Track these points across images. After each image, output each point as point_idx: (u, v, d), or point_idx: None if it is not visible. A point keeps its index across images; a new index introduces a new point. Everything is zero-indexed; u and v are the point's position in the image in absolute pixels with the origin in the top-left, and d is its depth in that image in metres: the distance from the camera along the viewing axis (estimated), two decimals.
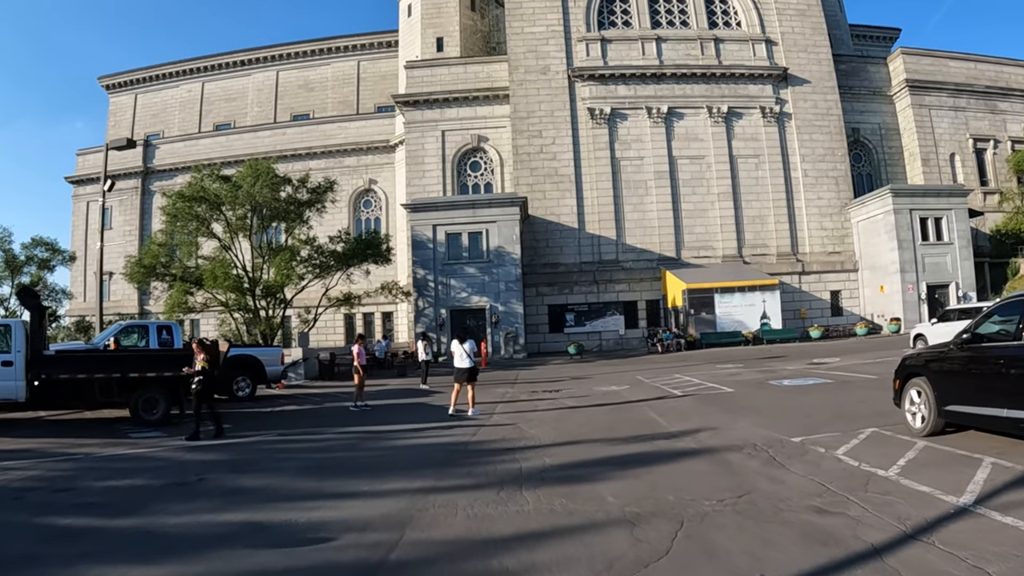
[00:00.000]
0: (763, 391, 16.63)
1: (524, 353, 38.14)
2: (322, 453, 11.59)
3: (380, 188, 51.24)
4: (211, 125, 62.54)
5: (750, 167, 44.72)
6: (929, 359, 9.48)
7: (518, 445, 10.90)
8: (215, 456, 11.23)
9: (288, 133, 55.31)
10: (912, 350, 11.35)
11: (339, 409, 18.23)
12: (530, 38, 45.37)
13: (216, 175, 34.26)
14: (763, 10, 46.92)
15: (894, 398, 10.15)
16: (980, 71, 50.79)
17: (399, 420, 15.23)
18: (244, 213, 33.92)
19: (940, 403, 8.76)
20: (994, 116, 50.10)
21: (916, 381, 9.45)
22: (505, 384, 22.82)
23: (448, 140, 46.15)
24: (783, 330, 38.53)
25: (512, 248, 38.94)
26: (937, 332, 23.31)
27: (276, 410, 18.72)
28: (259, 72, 63.51)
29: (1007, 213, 47.17)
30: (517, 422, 13.60)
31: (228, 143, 55.89)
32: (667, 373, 22.98)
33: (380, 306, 47.37)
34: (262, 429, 14.69)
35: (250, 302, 33.15)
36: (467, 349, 14.97)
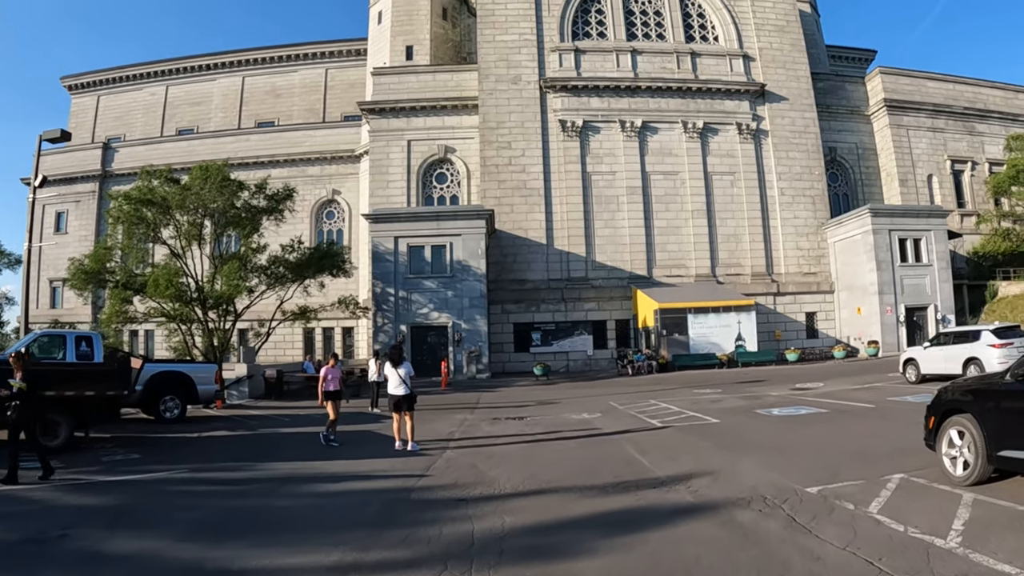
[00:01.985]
0: (753, 422, 15.10)
1: (488, 373, 36.37)
2: (232, 499, 9.66)
3: (344, 199, 49.40)
4: (174, 130, 60.59)
5: (725, 184, 43.49)
6: (976, 394, 8.00)
7: (473, 493, 9.01)
8: (100, 499, 9.47)
9: (252, 140, 53.43)
10: (955, 382, 9.56)
11: (275, 437, 16.43)
12: (501, 46, 43.91)
13: (166, 177, 32.07)
14: (741, 25, 45.93)
15: (926, 438, 8.63)
16: (958, 92, 50.19)
17: (338, 453, 13.24)
18: (196, 219, 31.81)
19: (991, 447, 7.32)
20: (972, 138, 49.47)
21: (958, 420, 8.00)
22: (465, 409, 21.02)
23: (414, 150, 44.46)
24: (759, 352, 37.14)
25: (477, 263, 37.22)
26: (930, 357, 21.88)
27: (204, 435, 16.83)
28: (225, 77, 61.69)
29: (985, 235, 46.58)
30: (475, 459, 11.73)
31: (190, 148, 53.74)
32: (642, 398, 21.40)
33: (340, 321, 45.53)
34: (176, 461, 12.71)
35: (196, 313, 30.98)
36: (402, 374, 13.09)
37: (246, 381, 28.26)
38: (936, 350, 21.84)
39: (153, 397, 19.54)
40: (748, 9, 46.30)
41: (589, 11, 45.52)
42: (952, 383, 9.16)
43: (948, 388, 8.69)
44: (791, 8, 47.49)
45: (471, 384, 32.80)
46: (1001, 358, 19.22)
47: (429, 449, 12.95)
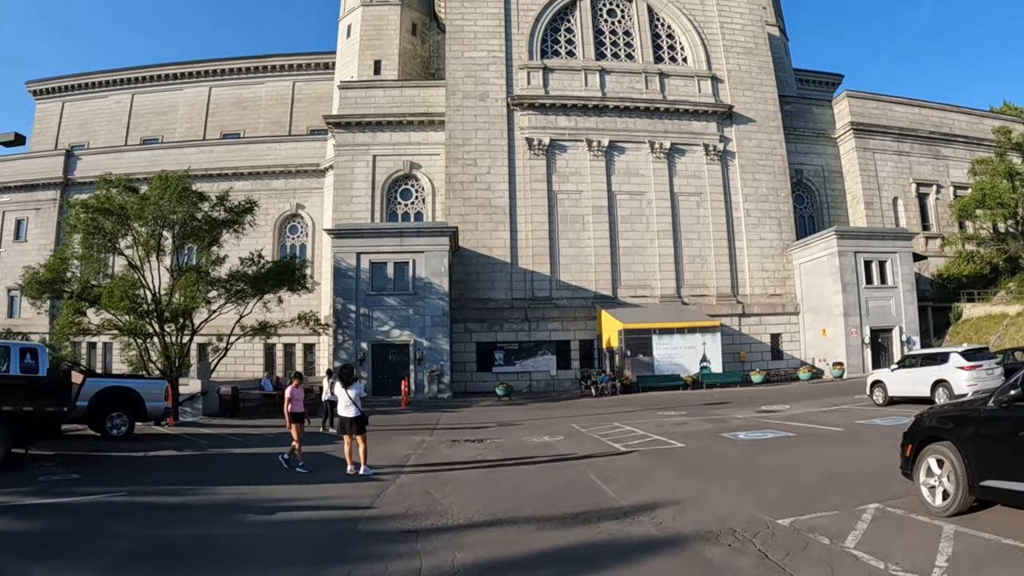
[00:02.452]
0: (720, 446, 14.67)
1: (449, 393, 35.71)
2: (166, 527, 8.94)
3: (307, 214, 48.59)
4: (139, 139, 59.64)
5: (691, 205, 43.35)
6: (956, 420, 7.62)
7: (425, 524, 8.42)
8: (27, 525, 8.89)
9: (216, 151, 52.46)
10: (933, 407, 9.21)
11: (224, 458, 15.68)
12: (470, 63, 43.56)
13: (124, 185, 31.10)
14: (710, 47, 46.00)
15: (902, 466, 8.24)
16: (924, 116, 50.68)
17: (285, 477, 12.48)
18: (155, 230, 30.85)
19: (973, 477, 6.97)
20: (937, 161, 49.93)
21: (937, 448, 7.63)
22: (423, 430, 20.40)
23: (379, 165, 43.86)
24: (724, 374, 36.98)
25: (440, 281, 36.64)
26: (898, 379, 21.71)
27: (149, 455, 16.07)
28: (191, 87, 60.88)
29: (949, 258, 47.00)
30: (430, 486, 11.10)
31: (154, 158, 52.49)
32: (605, 421, 20.95)
33: (302, 337, 44.65)
34: (115, 483, 11.98)
35: (152, 326, 30.01)
36: (352, 395, 12.44)
37: (200, 398, 27.53)
38: (904, 372, 21.64)
39: (99, 413, 18.73)
40: (717, 31, 46.40)
41: (559, 30, 45.37)
42: (930, 409, 8.78)
43: (926, 414, 8.33)
44: (760, 31, 47.68)
45: (432, 404, 32.19)
46: (970, 380, 19.23)
47: (383, 474, 12.36)
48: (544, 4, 44.93)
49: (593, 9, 45.89)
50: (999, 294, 42.80)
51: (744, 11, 47.39)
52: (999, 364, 20.85)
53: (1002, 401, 6.88)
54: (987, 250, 46.07)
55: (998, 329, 38.22)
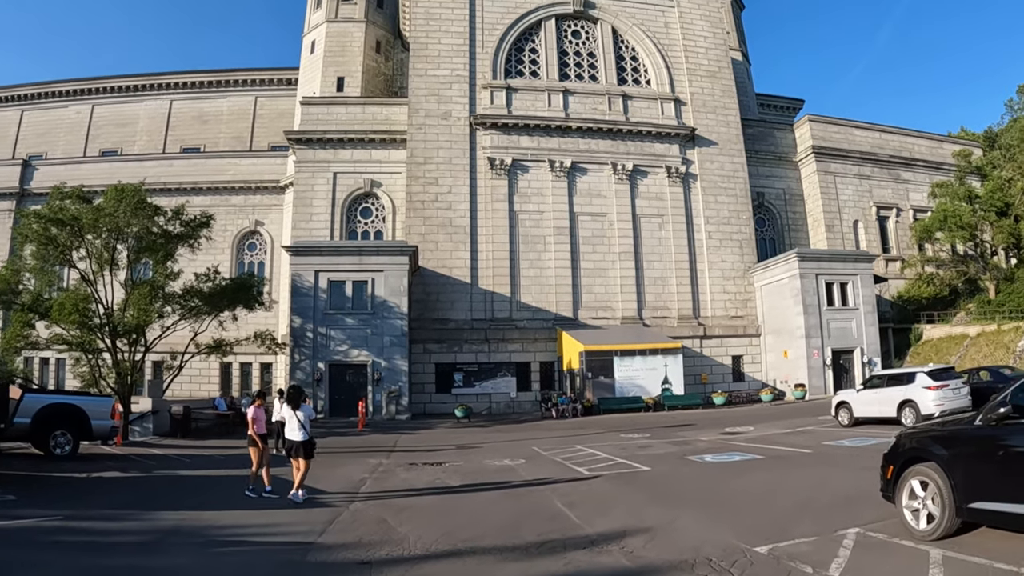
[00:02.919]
0: (686, 469, 14.35)
1: (408, 414, 35.13)
2: (100, 557, 8.30)
3: (266, 231, 47.76)
4: (98, 151, 58.48)
5: (653, 227, 43.30)
6: (941, 441, 7.30)
7: (379, 555, 7.88)
8: None
9: (176, 165, 51.53)
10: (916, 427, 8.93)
11: (171, 480, 15.01)
12: (433, 81, 43.23)
13: (78, 196, 30.21)
14: (674, 69, 46.17)
15: (883, 488, 7.95)
16: (885, 140, 51.33)
17: (235, 502, 11.82)
18: (109, 242, 29.97)
19: (960, 499, 6.70)
20: (897, 185, 50.54)
21: (920, 469, 7.35)
22: (381, 452, 19.84)
23: (340, 183, 43.28)
24: (685, 396, 36.73)
25: (399, 300, 36.10)
26: (864, 400, 21.59)
27: (92, 476, 15.38)
28: (152, 100, 59.93)
29: (909, 280, 47.53)
30: (385, 512, 10.57)
31: (112, 170, 51.26)
32: (567, 444, 20.56)
33: (259, 356, 43.67)
34: (52, 505, 11.37)
35: (105, 342, 29.10)
36: (300, 417, 11.90)
37: (150, 417, 26.69)
38: (870, 393, 21.56)
39: (43, 431, 17.94)
40: (681, 54, 46.61)
41: (523, 50, 45.26)
42: (912, 429, 8.52)
43: (908, 435, 8.06)
44: (723, 55, 48.00)
45: (390, 425, 31.63)
46: (937, 400, 19.24)
47: (336, 499, 11.87)
48: (509, 24, 44.82)
49: (558, 30, 45.90)
50: (959, 315, 43.24)
51: (708, 35, 47.70)
52: (965, 384, 20.93)
53: (991, 420, 6.61)
54: (947, 272, 46.60)
55: (959, 350, 38.54)
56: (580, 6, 45.93)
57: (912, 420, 19.21)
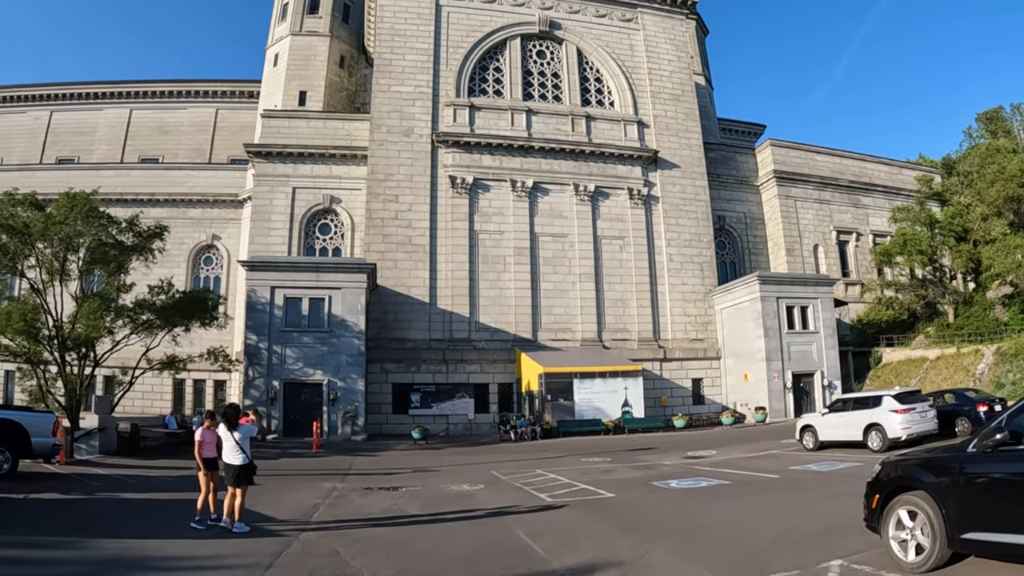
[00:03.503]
0: (653, 497, 13.82)
1: (364, 435, 34.40)
2: None
3: (223, 245, 46.86)
4: (55, 158, 57.32)
5: (614, 249, 43.22)
6: (932, 468, 6.98)
7: None
8: None
9: (133, 175, 50.42)
10: (903, 454, 8.29)
11: (113, 504, 14.17)
12: (396, 97, 42.85)
13: (30, 202, 29.31)
14: (637, 92, 46.30)
15: (867, 518, 7.65)
16: (845, 166, 51.94)
17: (179, 530, 11.00)
18: (59, 251, 29.07)
19: (953, 529, 6.40)
20: (857, 210, 51.09)
21: (909, 498, 7.05)
22: (335, 476, 19.10)
23: (299, 198, 42.65)
24: (646, 419, 36.40)
25: (356, 319, 35.46)
26: (829, 423, 21.38)
27: (30, 497, 14.54)
28: (112, 108, 58.89)
29: (869, 303, 47.97)
30: (338, 543, 9.95)
31: (68, 178, 49.85)
32: (527, 467, 20.00)
33: (213, 374, 42.77)
34: None
35: (52, 355, 28.15)
36: (237, 438, 10.74)
37: (96, 434, 25.67)
38: (835, 416, 21.38)
39: None
40: (645, 77, 46.80)
41: (487, 68, 45.12)
42: (898, 456, 8.09)
43: (894, 462, 7.70)
44: (687, 79, 48.31)
45: (345, 446, 30.84)
46: (904, 423, 19.09)
47: (286, 528, 11.15)
48: (474, 42, 44.67)
49: (523, 50, 45.84)
50: (918, 339, 43.68)
51: (672, 58, 47.98)
52: (931, 407, 20.84)
53: (986, 446, 6.32)
54: (906, 296, 47.05)
55: (918, 373, 38.85)
56: (546, 26, 45.96)
57: (879, 444, 19.16)
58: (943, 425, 20.79)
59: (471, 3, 45.33)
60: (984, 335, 39.76)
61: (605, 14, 47.43)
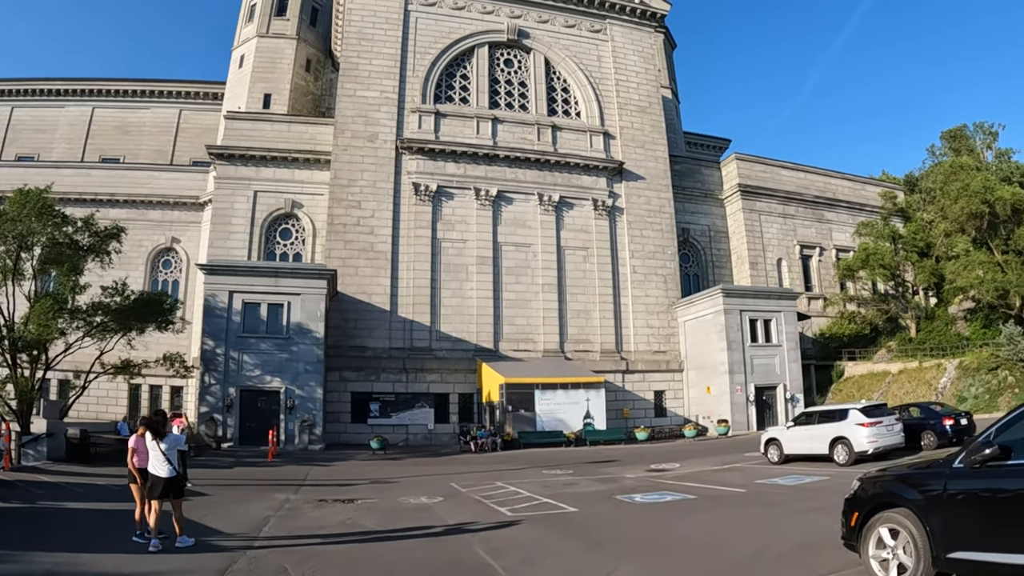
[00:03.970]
0: (618, 511, 13.36)
1: (321, 444, 33.78)
2: None
3: (183, 248, 46.02)
4: (14, 155, 55.87)
5: (578, 259, 43.11)
6: (915, 485, 6.66)
7: None
8: None
9: (94, 175, 49.40)
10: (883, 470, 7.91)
11: (56, 513, 13.52)
12: (362, 102, 42.41)
13: None
14: (604, 103, 46.34)
15: (845, 536, 7.35)
16: (810, 181, 52.37)
17: (120, 544, 10.31)
18: (12, 250, 28.25)
19: (938, 548, 6.10)
20: (821, 225, 51.51)
21: (890, 516, 6.75)
22: (290, 486, 18.44)
23: (260, 202, 42.03)
24: (608, 431, 36.19)
25: (316, 326, 34.90)
26: (794, 436, 21.16)
27: None
28: (75, 106, 57.69)
29: (832, 318, 48.31)
30: (287, 560, 9.37)
31: (27, 176, 48.58)
32: (487, 480, 19.50)
33: (169, 379, 41.73)
34: None
35: (2, 356, 27.33)
36: (164, 448, 9.87)
37: (44, 440, 24.89)
38: (801, 430, 21.18)
39: None
40: (612, 88, 46.86)
41: (454, 75, 44.87)
42: (878, 471, 7.76)
43: (874, 478, 7.42)
44: (654, 91, 48.44)
45: (302, 456, 30.27)
46: (871, 437, 18.98)
47: (233, 542, 10.51)
48: (442, 49, 44.40)
49: (491, 58, 45.69)
50: (880, 353, 44.03)
51: (640, 70, 48.10)
52: (898, 420, 20.78)
53: (974, 462, 6.05)
54: (868, 311, 47.49)
55: (881, 386, 39.14)
56: (514, 35, 45.84)
57: (845, 457, 19.08)
58: (909, 439, 20.76)
59: (440, 9, 45.08)
60: (946, 349, 40.21)
61: (574, 24, 47.43)
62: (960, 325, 44.81)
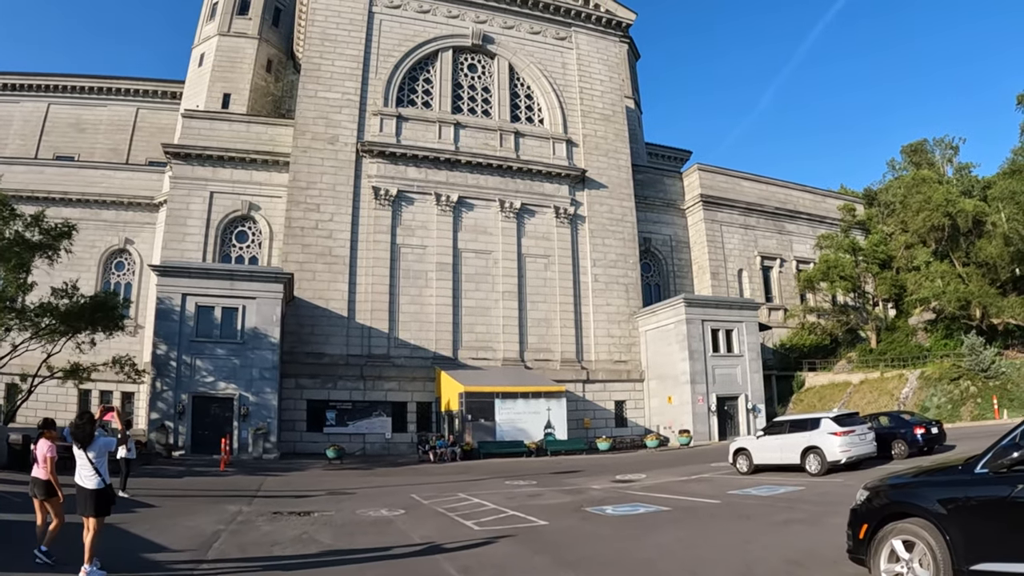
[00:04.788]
0: (589, 525, 12.77)
1: (276, 453, 32.94)
2: None
3: (136, 250, 44.88)
4: None
5: (539, 267, 42.87)
6: (930, 491, 6.23)
7: None
8: None
9: (47, 172, 48.01)
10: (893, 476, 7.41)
11: None
12: (323, 103, 41.75)
13: None
14: (568, 110, 46.24)
15: (852, 549, 6.87)
16: (771, 193, 52.74)
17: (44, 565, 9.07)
18: None
19: (960, 560, 5.66)
20: (781, 236, 51.87)
21: (905, 526, 6.29)
22: (243, 497, 17.65)
23: (216, 203, 41.10)
24: (569, 441, 35.99)
25: (271, 331, 34.02)
26: (765, 446, 20.79)
27: None
28: (30, 101, 56.13)
29: (792, 329, 48.62)
30: None
31: None
32: (449, 491, 18.89)
33: (120, 384, 40.73)
34: None
35: None
36: (92, 457, 8.45)
37: None
38: (771, 439, 20.81)
39: None
40: (576, 96, 46.78)
41: (417, 79, 44.42)
42: (889, 479, 7.24)
43: (884, 487, 6.93)
44: (618, 99, 48.47)
45: (256, 465, 29.46)
46: (844, 446, 18.73)
47: (177, 563, 9.65)
48: (406, 51, 43.93)
49: (454, 62, 45.32)
50: (840, 363, 44.46)
51: (604, 79, 48.10)
52: (870, 429, 20.65)
53: (1000, 466, 5.67)
54: (828, 322, 47.91)
55: (842, 396, 39.47)
56: (479, 40, 45.54)
57: (817, 467, 18.86)
58: (879, 448, 20.69)
59: (405, 12, 44.62)
60: (907, 360, 40.68)
61: (539, 31, 47.27)
62: (920, 336, 45.41)
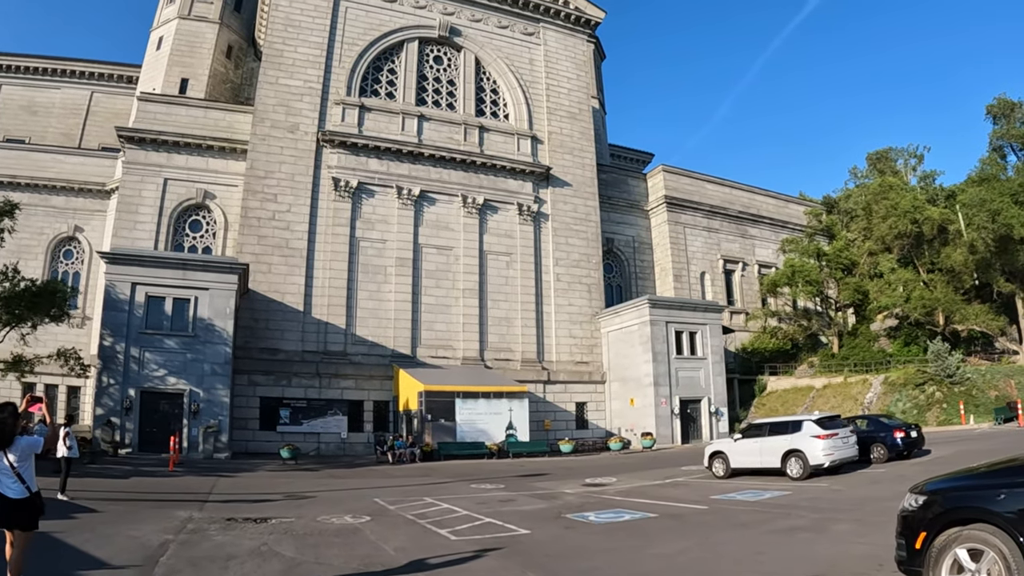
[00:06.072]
0: (574, 534, 11.87)
1: (228, 453, 31.68)
2: None
3: (86, 238, 43.20)
4: None
5: (501, 265, 42.27)
6: (1000, 494, 5.58)
7: None
8: None
9: None
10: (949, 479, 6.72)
11: None
12: (284, 91, 40.61)
13: None
14: (534, 107, 45.72)
15: (904, 560, 6.20)
16: (735, 196, 52.82)
17: None
18: None
19: None
20: (744, 240, 51.97)
21: (971, 534, 5.63)
22: (193, 502, 16.34)
23: (170, 191, 39.71)
24: (531, 443, 35.38)
25: (225, 324, 32.75)
26: (742, 449, 20.33)
27: None
28: None
29: (754, 332, 48.73)
30: None
31: None
32: (415, 495, 17.94)
33: (66, 379, 39.09)
34: None
35: None
36: (13, 460, 6.85)
37: None
38: (750, 442, 20.35)
39: None
40: (543, 93, 46.31)
41: (382, 69, 43.52)
42: (940, 480, 6.59)
43: (942, 490, 6.27)
44: (585, 98, 48.11)
45: (207, 465, 28.21)
46: (827, 449, 18.42)
47: None
48: (371, 41, 43.01)
49: (420, 54, 44.50)
50: (801, 367, 44.61)
51: (572, 76, 47.69)
52: (853, 432, 20.39)
53: None
54: (790, 326, 48.05)
55: (805, 401, 39.53)
56: (446, 32, 44.80)
57: (799, 471, 18.50)
58: (861, 451, 20.59)
59: (371, 1, 43.67)
60: (870, 365, 40.91)
61: (507, 26, 46.67)
62: (883, 342, 45.73)
